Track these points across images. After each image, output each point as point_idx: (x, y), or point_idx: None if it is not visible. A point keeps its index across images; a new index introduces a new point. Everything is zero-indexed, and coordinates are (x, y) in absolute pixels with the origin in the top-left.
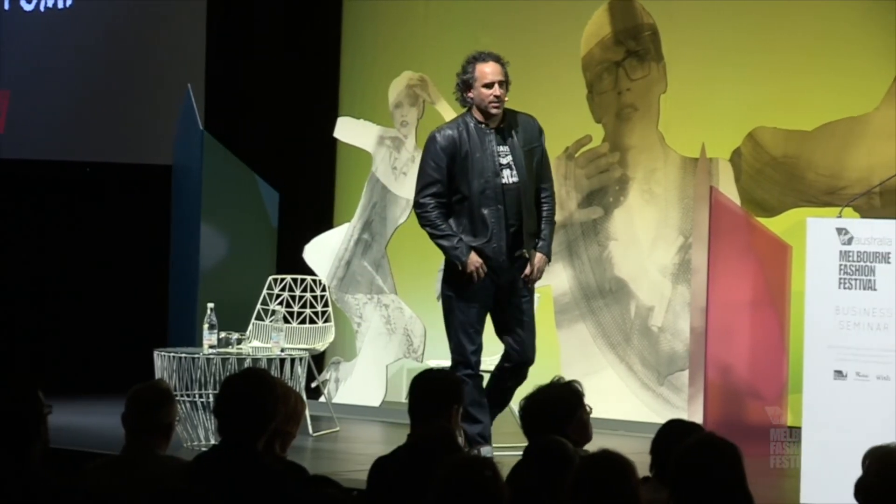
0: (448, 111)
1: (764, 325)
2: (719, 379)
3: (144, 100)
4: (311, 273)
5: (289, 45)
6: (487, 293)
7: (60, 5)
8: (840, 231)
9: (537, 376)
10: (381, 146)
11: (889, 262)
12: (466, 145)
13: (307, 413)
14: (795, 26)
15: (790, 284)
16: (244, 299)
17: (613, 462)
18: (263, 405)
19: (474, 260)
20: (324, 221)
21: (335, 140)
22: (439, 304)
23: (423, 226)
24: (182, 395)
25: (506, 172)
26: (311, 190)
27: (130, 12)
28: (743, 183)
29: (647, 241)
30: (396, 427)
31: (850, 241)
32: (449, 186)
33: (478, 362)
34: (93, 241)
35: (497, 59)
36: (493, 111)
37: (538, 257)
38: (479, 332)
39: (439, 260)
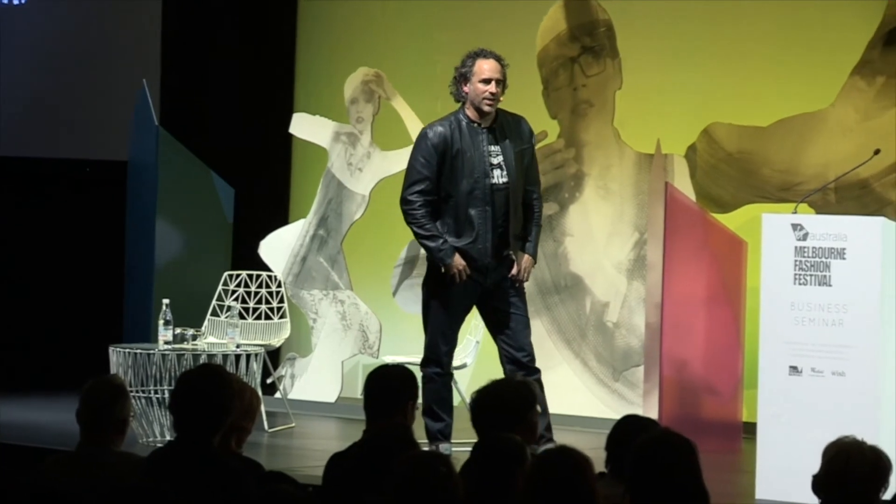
0: (404, 107)
1: (719, 321)
2: (674, 375)
3: (100, 96)
4: (267, 269)
5: (245, 41)
6: (470, 295)
7: (16, 2)
8: (795, 227)
9: (492, 371)
10: (337, 142)
11: (844, 258)
12: (458, 143)
13: (262, 409)
14: (751, 22)
15: (745, 280)
16: (199, 295)
17: (570, 458)
18: (219, 401)
19: (458, 262)
20: (279, 217)
21: (291, 136)
22: (395, 301)
23: (408, 223)
24: (137, 391)
25: (496, 173)
26: (266, 186)
27: (86, 9)
28: (698, 179)
29: (603, 237)
30: (352, 423)
31: (805, 237)
32: (437, 184)
33: (449, 362)
34: (47, 236)
35: (498, 59)
36: (486, 108)
37: (525, 258)
38: (456, 332)
39: (395, 256)
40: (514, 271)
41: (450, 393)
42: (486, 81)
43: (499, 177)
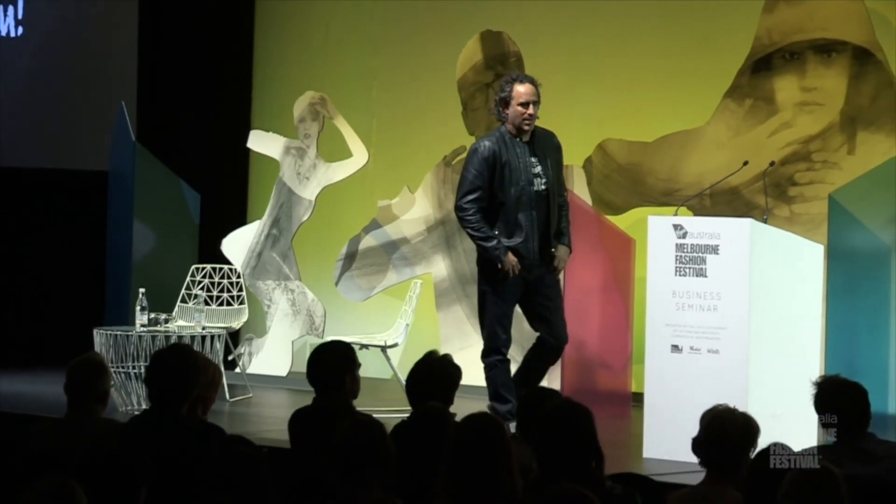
0: (344, 125)
1: (612, 307)
2: (574, 353)
3: (85, 115)
4: (228, 263)
5: (209, 67)
6: (518, 288)
7: (13, 34)
8: (676, 227)
9: (420, 349)
10: (287, 155)
11: (717, 254)
12: (505, 155)
13: (224, 381)
14: (638, 53)
15: (634, 272)
16: (170, 285)
17: (489, 422)
18: (187, 375)
19: (511, 259)
20: (238, 219)
21: (248, 149)
22: (337, 289)
23: (464, 227)
24: (117, 367)
25: (537, 181)
26: (227, 192)
27: (72, 40)
28: (594, 186)
29: None
30: (301, 394)
31: (684, 236)
32: (488, 192)
33: (507, 350)
34: (40, 235)
35: (532, 81)
36: (526, 127)
37: (563, 250)
38: (510, 321)
39: (338, 252)
40: (556, 262)
41: (509, 377)
42: (525, 105)
43: (539, 184)
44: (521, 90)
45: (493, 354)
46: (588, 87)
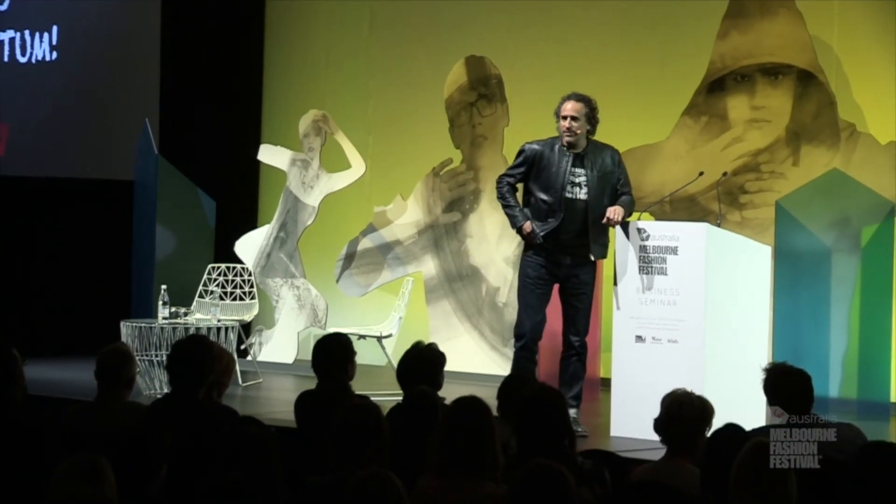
0: (344, 139)
1: None
2: (549, 342)
3: (112, 130)
4: (241, 262)
5: (223, 87)
6: (547, 282)
7: (47, 58)
8: (640, 230)
9: (411, 339)
10: (293, 166)
11: (677, 254)
12: (545, 160)
13: (237, 368)
14: (605, 73)
15: (603, 270)
16: (189, 282)
17: (475, 405)
18: (204, 362)
19: (528, 225)
20: (250, 223)
21: (258, 161)
22: (338, 286)
23: (498, 196)
24: (142, 356)
25: (576, 190)
26: (239, 199)
27: (100, 63)
28: None
29: (494, 237)
30: (305, 379)
31: (647, 238)
32: (524, 181)
33: (533, 337)
34: (73, 238)
35: (577, 99)
36: (566, 139)
37: (614, 209)
38: (537, 310)
39: (338, 253)
40: (609, 214)
41: (533, 364)
42: (564, 118)
43: (577, 193)
44: (564, 106)
45: (517, 341)
46: None
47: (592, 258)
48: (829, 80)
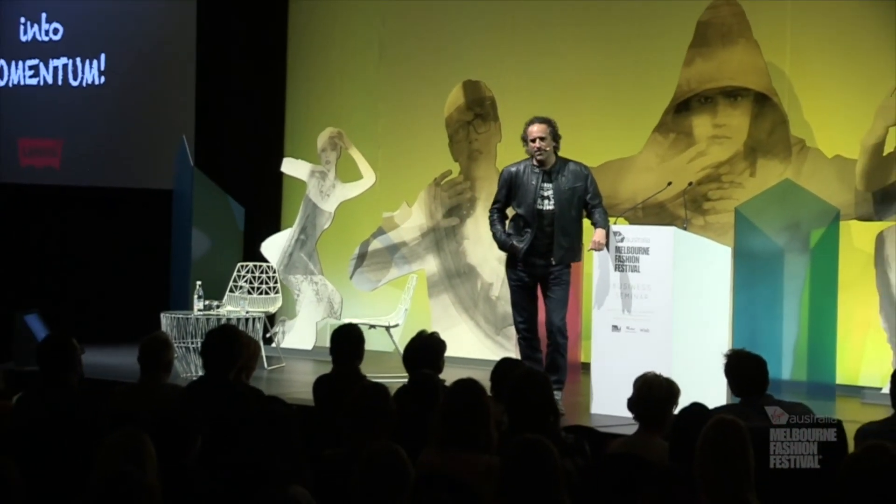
0: (357, 154)
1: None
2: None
3: (154, 146)
4: (266, 261)
5: (251, 107)
6: (525, 283)
7: (96, 82)
8: (616, 233)
9: (415, 328)
10: (312, 177)
11: (648, 254)
12: (520, 179)
13: (263, 354)
14: (586, 97)
15: (583, 268)
16: (221, 278)
17: (472, 386)
18: (233, 349)
19: (509, 244)
20: (274, 227)
21: (281, 173)
22: (351, 282)
23: (489, 224)
24: (179, 343)
25: (544, 202)
26: (265, 206)
27: (143, 86)
28: None
29: (487, 239)
30: (323, 363)
31: (622, 240)
32: (507, 203)
33: (527, 329)
34: (119, 239)
35: (540, 121)
36: (538, 157)
37: (598, 232)
38: (525, 307)
39: (351, 252)
40: (595, 238)
41: (534, 351)
42: (533, 140)
43: (546, 205)
44: (530, 129)
45: (516, 333)
46: None
47: (556, 262)
48: (781, 101)
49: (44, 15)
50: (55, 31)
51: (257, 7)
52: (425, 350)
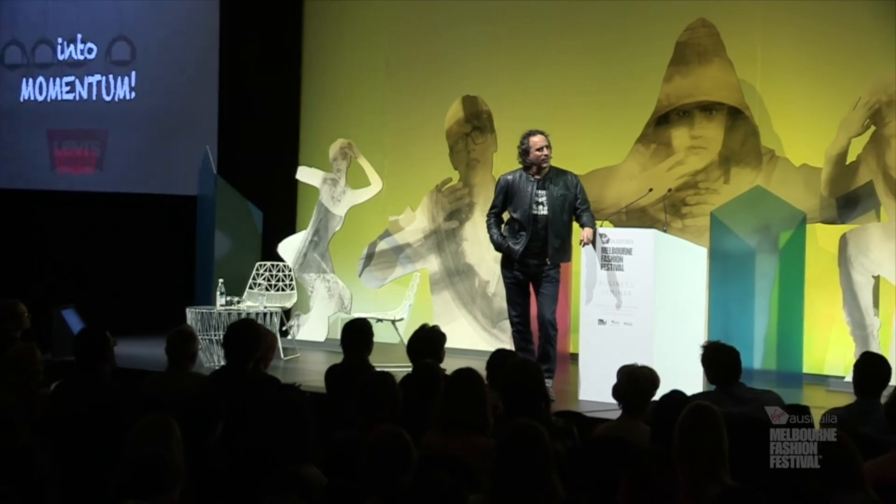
0: (365, 163)
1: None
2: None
3: (180, 155)
4: (282, 261)
5: (268, 119)
6: (520, 281)
7: (128, 97)
8: (601, 235)
9: (418, 322)
10: (325, 184)
11: (631, 254)
12: (516, 186)
13: (279, 345)
14: (575, 109)
15: (572, 267)
16: (242, 276)
17: (470, 374)
18: (252, 341)
19: (508, 247)
20: (289, 229)
21: (296, 180)
22: (360, 279)
23: (487, 228)
24: (203, 335)
25: (539, 207)
26: (282, 210)
27: (171, 100)
28: None
29: (485, 241)
30: (334, 354)
31: (607, 241)
32: (503, 209)
33: (520, 322)
34: (151, 240)
35: (539, 133)
36: (544, 165)
37: (587, 230)
38: (518, 303)
39: (360, 253)
40: (583, 236)
41: (526, 343)
42: (540, 149)
43: (540, 210)
44: (535, 140)
45: (511, 327)
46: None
47: (549, 262)
48: (753, 115)
49: (79, 35)
50: (89, 51)
51: (275, 32)
52: (425, 341)
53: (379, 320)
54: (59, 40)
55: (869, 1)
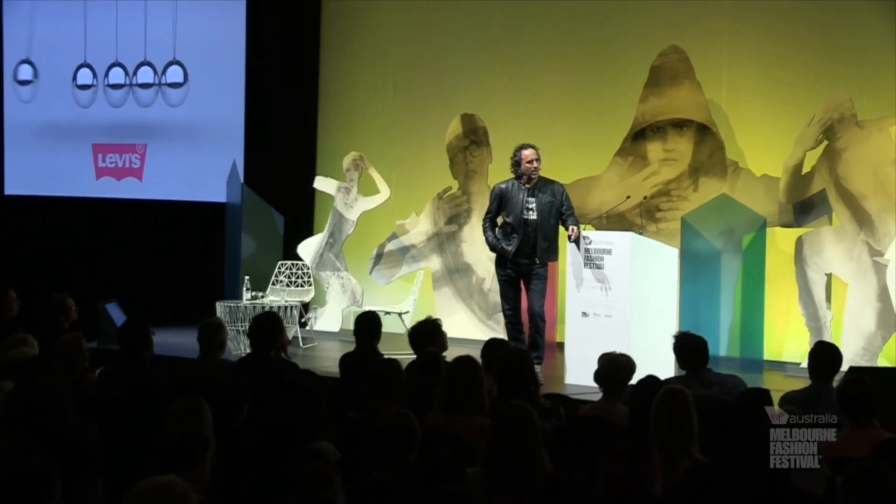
0: (375, 173)
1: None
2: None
3: (211, 166)
4: (301, 260)
5: (288, 133)
6: (512, 278)
7: (167, 114)
8: (584, 238)
9: (422, 315)
10: (339, 192)
11: (611, 255)
12: (509, 194)
13: (299, 335)
14: (560, 125)
15: (558, 265)
16: (265, 274)
17: (468, 361)
18: (275, 331)
19: (502, 249)
20: (308, 232)
21: (314, 188)
22: (371, 277)
23: (483, 232)
24: (231, 326)
25: (529, 213)
26: (300, 215)
27: (202, 117)
28: None
29: (481, 242)
30: (347, 343)
31: (590, 243)
32: (497, 214)
33: (513, 315)
34: (186, 241)
35: (530, 146)
36: (533, 175)
37: (572, 228)
38: (510, 297)
39: (370, 253)
40: (570, 234)
41: (517, 333)
42: (530, 161)
43: (530, 215)
44: (526, 153)
45: (504, 318)
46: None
47: (538, 261)
48: (719, 130)
49: (140, 59)
50: (144, 73)
51: (295, 56)
52: (425, 331)
53: (387, 313)
54: (127, 63)
55: (822, 28)
